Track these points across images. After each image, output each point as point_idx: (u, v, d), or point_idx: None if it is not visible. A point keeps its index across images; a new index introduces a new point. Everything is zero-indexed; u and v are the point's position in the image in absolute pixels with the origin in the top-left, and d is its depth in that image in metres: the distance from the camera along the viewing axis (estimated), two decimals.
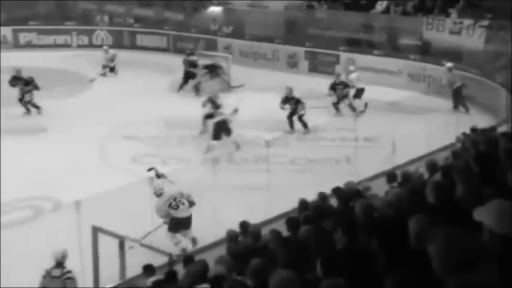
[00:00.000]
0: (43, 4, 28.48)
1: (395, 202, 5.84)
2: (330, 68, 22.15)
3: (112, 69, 21.98)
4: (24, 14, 27.39)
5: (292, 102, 16.36)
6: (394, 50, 21.63)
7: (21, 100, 17.88)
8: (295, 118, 16.22)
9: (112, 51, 22.40)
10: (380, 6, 22.86)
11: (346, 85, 17.86)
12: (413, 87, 19.62)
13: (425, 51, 20.84)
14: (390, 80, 20.46)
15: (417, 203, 5.14)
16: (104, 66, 21.93)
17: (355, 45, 22.55)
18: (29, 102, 17.92)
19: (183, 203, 10.44)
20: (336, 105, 17.65)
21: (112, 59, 22.09)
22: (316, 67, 22.55)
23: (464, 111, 17.38)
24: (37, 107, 18.00)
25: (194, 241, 10.38)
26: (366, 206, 5.87)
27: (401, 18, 22.29)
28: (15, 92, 17.92)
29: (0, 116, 16.67)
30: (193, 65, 20.39)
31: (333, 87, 17.85)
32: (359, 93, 17.94)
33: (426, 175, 8.07)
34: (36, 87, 17.99)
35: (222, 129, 15.04)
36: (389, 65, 20.98)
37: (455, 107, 17.68)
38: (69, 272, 8.24)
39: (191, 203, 10.58)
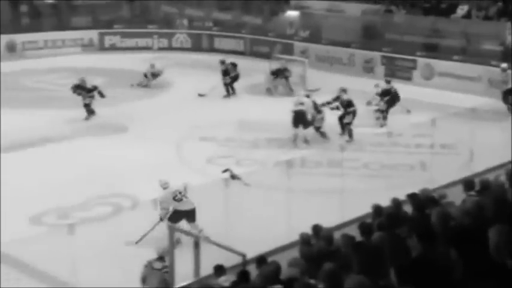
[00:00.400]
0: (127, 8, 29.22)
1: (474, 211, 5.65)
2: (407, 74, 21.79)
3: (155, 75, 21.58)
4: (109, 18, 28.21)
5: (344, 105, 16.08)
6: (474, 55, 21.01)
7: (87, 105, 17.80)
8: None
9: (159, 67, 21.75)
10: (461, 11, 22.28)
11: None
12: (493, 94, 19.01)
13: (509, 57, 20.16)
14: (469, 86, 19.92)
15: (501, 212, 4.95)
16: (145, 75, 21.40)
17: (434, 50, 22.05)
18: (87, 105, 17.73)
19: (186, 197, 10.69)
20: (383, 112, 17.30)
21: (157, 74, 21.53)
22: (393, 72, 22.18)
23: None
24: (91, 112, 17.80)
25: (201, 234, 10.15)
26: (442, 214, 5.70)
27: (483, 22, 21.66)
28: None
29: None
30: (226, 72, 20.28)
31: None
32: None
33: (507, 184, 7.78)
34: (101, 95, 17.89)
35: (299, 120, 15.51)
36: (469, 70, 20.42)
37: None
38: (167, 267, 8.66)
39: None
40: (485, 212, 5.33)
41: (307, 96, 16.45)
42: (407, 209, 7.88)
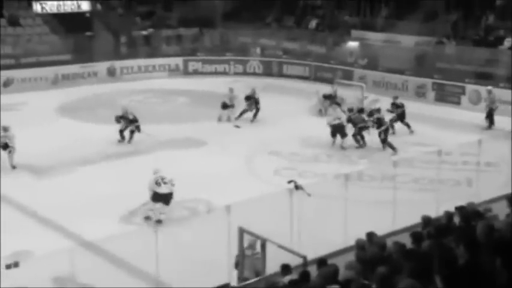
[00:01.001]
0: (208, 38, 29.72)
1: None
2: (455, 98, 21.25)
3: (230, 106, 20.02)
4: (193, 47, 28.75)
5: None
6: None
7: (121, 131, 17.18)
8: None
9: (235, 93, 20.34)
10: (508, 43, 21.56)
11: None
12: None
13: None
14: None
15: None
16: (224, 106, 19.77)
17: (482, 78, 21.40)
18: (121, 131, 17.16)
19: (165, 183, 11.76)
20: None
21: (233, 99, 20.11)
22: (442, 97, 21.66)
23: (488, 128, 18.11)
24: (123, 138, 17.16)
25: (161, 217, 11.63)
26: (487, 226, 5.48)
27: None
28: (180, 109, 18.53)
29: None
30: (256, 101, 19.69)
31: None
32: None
33: None
34: (138, 129, 17.14)
35: (337, 131, 16.62)
36: None
37: (490, 127, 18.12)
38: (258, 253, 8.88)
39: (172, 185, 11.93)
40: None
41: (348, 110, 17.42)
42: (455, 221, 7.62)
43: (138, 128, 17.23)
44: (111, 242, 9.51)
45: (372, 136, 16.79)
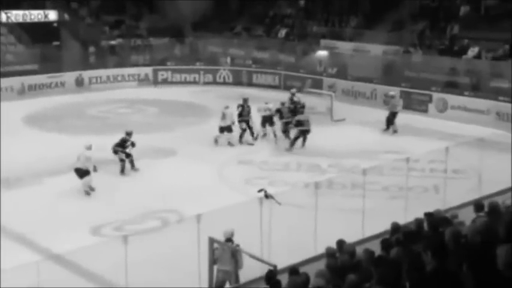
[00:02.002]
0: (178, 48, 29.65)
1: (484, 230, 5.49)
2: (423, 106, 21.57)
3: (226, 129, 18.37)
4: (162, 56, 28.65)
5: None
6: (483, 91, 20.70)
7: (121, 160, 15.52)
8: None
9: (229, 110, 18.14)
10: (472, 52, 22.01)
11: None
12: (500, 126, 18.65)
13: None
14: (478, 119, 19.59)
15: (509, 232, 4.80)
16: (220, 130, 17.91)
17: (448, 86, 21.79)
18: (122, 160, 15.52)
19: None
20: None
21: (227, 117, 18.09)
22: (410, 105, 21.98)
23: (392, 132, 18.74)
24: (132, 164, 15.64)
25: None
26: (455, 232, 5.56)
27: (492, 63, 21.34)
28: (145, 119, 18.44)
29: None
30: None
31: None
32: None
33: None
34: (133, 144, 15.53)
35: (266, 121, 18.05)
36: (478, 104, 20.10)
37: (388, 128, 18.80)
38: (238, 245, 9.13)
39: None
40: (493, 232, 5.17)
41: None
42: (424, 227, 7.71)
43: (132, 144, 15.55)
44: (80, 254, 9.37)
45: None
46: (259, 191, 10.89)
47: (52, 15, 27.94)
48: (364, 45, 25.05)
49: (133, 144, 15.59)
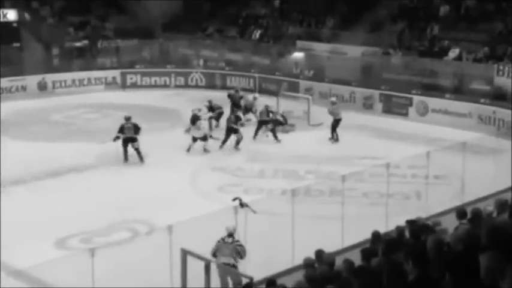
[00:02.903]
0: (148, 50, 29.50)
1: (466, 238, 5.54)
2: (403, 110, 21.78)
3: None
4: (131, 59, 28.47)
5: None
6: (464, 94, 21.00)
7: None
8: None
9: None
10: (453, 54, 22.32)
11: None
12: (482, 129, 18.93)
13: (496, 96, 20.13)
14: (460, 122, 19.86)
15: (491, 240, 4.85)
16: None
17: (428, 89, 22.04)
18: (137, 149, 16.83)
19: None
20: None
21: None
22: (390, 109, 22.18)
23: (334, 141, 18.60)
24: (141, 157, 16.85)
25: None
26: (437, 240, 5.61)
27: (472, 64, 21.66)
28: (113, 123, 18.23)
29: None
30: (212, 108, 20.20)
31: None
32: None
33: (495, 213, 7.67)
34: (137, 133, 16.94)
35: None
36: (460, 107, 20.38)
37: (332, 137, 18.66)
38: (238, 241, 9.61)
39: None
40: (476, 239, 5.23)
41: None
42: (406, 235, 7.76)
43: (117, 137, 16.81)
44: (43, 268, 9.24)
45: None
46: (234, 199, 10.90)
47: (11, 14, 27.53)
48: (342, 46, 25.22)
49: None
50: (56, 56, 27.81)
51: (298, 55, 26.30)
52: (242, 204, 10.86)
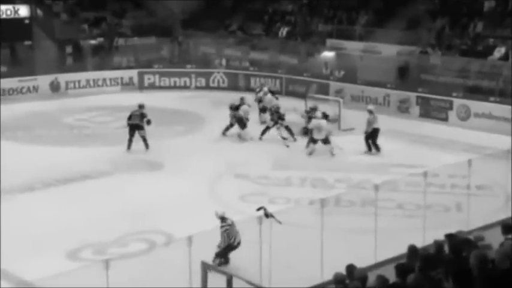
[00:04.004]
0: (167, 48, 29.73)
1: None
2: (442, 114, 21.60)
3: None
4: (149, 58, 28.71)
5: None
6: (510, 97, 20.74)
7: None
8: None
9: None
10: (498, 53, 22.11)
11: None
12: None
13: None
14: (505, 128, 19.61)
15: None
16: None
17: (471, 91, 21.84)
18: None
19: None
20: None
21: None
22: (428, 112, 22.03)
23: (375, 152, 18.11)
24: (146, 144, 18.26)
25: None
26: (481, 256, 5.53)
27: None
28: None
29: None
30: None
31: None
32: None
33: None
34: (148, 122, 18.32)
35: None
36: (505, 112, 20.14)
37: (370, 149, 18.21)
38: (223, 226, 10.86)
39: None
40: None
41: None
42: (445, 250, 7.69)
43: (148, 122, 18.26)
44: (55, 281, 9.32)
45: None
46: (259, 209, 10.90)
47: (23, 10, 27.97)
48: (376, 45, 25.15)
49: (148, 122, 18.15)
50: (69, 54, 28.21)
51: (328, 54, 26.28)
52: (267, 215, 10.85)
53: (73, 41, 28.42)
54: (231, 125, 19.89)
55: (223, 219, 10.96)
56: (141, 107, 18.46)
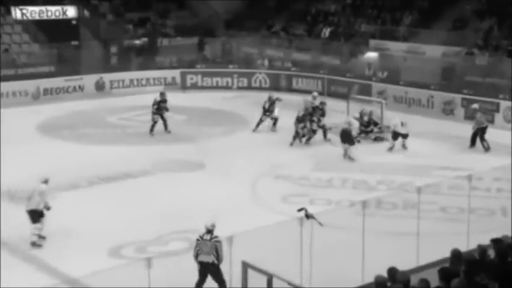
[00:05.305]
0: (210, 48, 29.92)
1: None
2: (488, 116, 21.20)
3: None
4: (192, 58, 28.94)
5: None
6: None
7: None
8: None
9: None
10: None
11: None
12: None
13: None
14: None
15: None
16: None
17: None
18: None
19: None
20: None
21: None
22: (473, 115, 21.62)
23: (484, 151, 18.23)
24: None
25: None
26: None
27: None
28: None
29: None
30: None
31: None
32: None
33: None
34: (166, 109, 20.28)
35: (344, 137, 17.68)
36: None
37: (473, 145, 18.55)
38: (217, 237, 9.92)
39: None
40: None
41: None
42: (490, 255, 7.56)
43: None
44: (97, 278, 9.46)
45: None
46: (299, 210, 10.86)
47: (71, 11, 28.56)
48: (420, 46, 24.88)
49: (166, 109, 20.06)
50: (114, 54, 28.63)
51: (371, 55, 26.09)
52: (308, 216, 10.80)
53: (118, 41, 28.83)
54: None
55: (209, 231, 10.11)
56: (162, 94, 20.56)
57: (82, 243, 12.24)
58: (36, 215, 12.23)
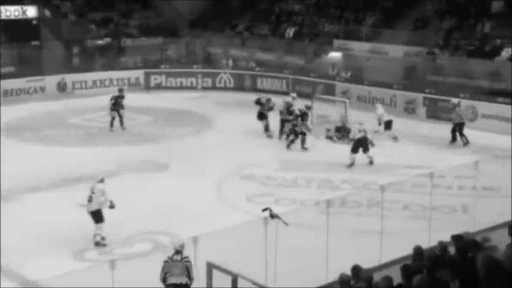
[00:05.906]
0: (174, 48, 29.78)
1: None
2: (449, 115, 21.50)
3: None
4: (155, 58, 28.76)
5: None
6: None
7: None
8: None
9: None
10: (506, 54, 22.02)
11: None
12: None
13: None
14: None
15: None
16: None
17: (478, 92, 21.75)
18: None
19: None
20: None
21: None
22: (435, 113, 21.95)
23: (463, 145, 18.81)
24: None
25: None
26: (488, 257, 5.50)
27: None
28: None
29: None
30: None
31: None
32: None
33: None
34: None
35: (360, 145, 17.02)
36: None
37: (454, 140, 19.05)
38: (187, 257, 9.45)
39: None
40: None
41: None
42: (450, 252, 7.67)
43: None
44: (60, 280, 9.35)
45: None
46: (264, 210, 10.87)
47: (31, 11, 28.09)
48: (383, 46, 25.13)
49: (122, 106, 20.61)
50: (76, 54, 28.30)
51: (335, 55, 26.26)
52: (273, 216, 10.83)
53: (80, 42, 28.51)
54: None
55: (178, 252, 9.57)
56: (121, 90, 21.24)
57: (44, 246, 12.07)
58: (99, 215, 12.40)
